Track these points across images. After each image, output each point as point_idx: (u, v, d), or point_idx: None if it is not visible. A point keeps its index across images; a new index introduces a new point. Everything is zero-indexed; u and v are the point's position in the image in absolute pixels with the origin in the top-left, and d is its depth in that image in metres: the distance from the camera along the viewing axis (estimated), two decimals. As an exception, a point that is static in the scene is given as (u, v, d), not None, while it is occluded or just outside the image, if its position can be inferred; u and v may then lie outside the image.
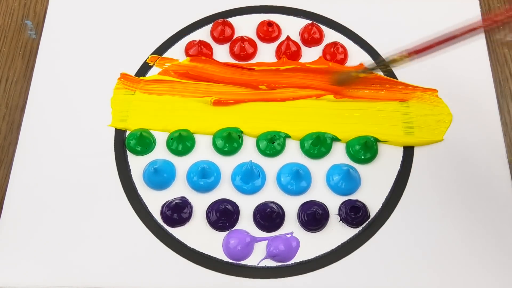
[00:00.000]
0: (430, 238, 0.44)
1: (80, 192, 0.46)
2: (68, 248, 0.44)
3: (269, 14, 0.55)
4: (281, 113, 0.49)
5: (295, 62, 0.51)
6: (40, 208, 0.45)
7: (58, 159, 0.47)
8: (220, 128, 0.48)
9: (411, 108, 0.49)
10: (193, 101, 0.50)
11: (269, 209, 0.44)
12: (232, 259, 0.43)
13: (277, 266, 0.43)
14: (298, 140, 0.48)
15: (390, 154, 0.48)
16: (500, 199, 0.46)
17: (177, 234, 0.44)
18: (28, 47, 0.53)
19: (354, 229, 0.44)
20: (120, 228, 0.44)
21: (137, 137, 0.47)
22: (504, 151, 0.48)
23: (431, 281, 0.43)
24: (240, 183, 0.46)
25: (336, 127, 0.48)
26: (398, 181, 0.47)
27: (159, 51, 0.53)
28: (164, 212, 0.45)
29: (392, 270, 0.43)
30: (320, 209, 0.44)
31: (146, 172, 0.46)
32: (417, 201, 0.46)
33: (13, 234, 0.44)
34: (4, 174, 0.47)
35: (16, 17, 0.55)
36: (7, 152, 0.48)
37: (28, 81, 0.51)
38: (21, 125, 0.49)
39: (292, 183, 0.45)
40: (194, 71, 0.51)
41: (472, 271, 0.43)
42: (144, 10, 0.55)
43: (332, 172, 0.46)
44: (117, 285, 0.42)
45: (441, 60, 0.50)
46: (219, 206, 0.44)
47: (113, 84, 0.51)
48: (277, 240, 0.43)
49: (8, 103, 0.51)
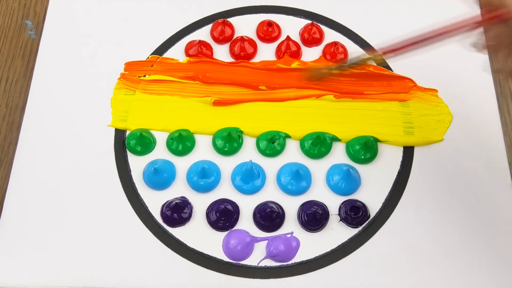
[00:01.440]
0: (430, 238, 0.44)
1: (80, 192, 0.46)
2: (68, 248, 0.44)
3: (269, 14, 0.55)
4: (281, 113, 0.49)
5: (297, 60, 0.51)
6: (40, 208, 0.45)
7: (58, 159, 0.47)
8: (220, 128, 0.48)
9: (411, 108, 0.49)
10: (193, 101, 0.50)
11: (269, 209, 0.44)
12: (232, 259, 0.43)
13: (277, 266, 0.43)
14: (298, 140, 0.48)
15: (390, 154, 0.48)
16: (500, 199, 0.46)
17: (177, 234, 0.44)
18: (28, 47, 0.53)
19: (354, 229, 0.44)
20: (120, 228, 0.44)
21: (137, 137, 0.47)
22: (504, 151, 0.48)
23: (431, 281, 0.43)
24: (240, 183, 0.46)
25: (336, 127, 0.48)
26: (398, 181, 0.47)
27: (159, 51, 0.53)
28: (164, 212, 0.45)
29: (392, 270, 0.43)
30: (320, 209, 0.44)
31: (146, 172, 0.46)
32: (417, 201, 0.46)
33: (13, 234, 0.44)
34: (4, 174, 0.47)
35: (16, 17, 0.55)
36: (7, 152, 0.48)
37: (28, 81, 0.51)
38: (21, 125, 0.49)
39: (292, 183, 0.45)
40: (205, 77, 0.51)
41: (472, 271, 0.43)
42: (144, 10, 0.55)
43: (332, 172, 0.46)
44: (117, 285, 0.42)
45: (441, 60, 0.50)
46: (219, 206, 0.44)
47: (113, 84, 0.51)
48: (277, 240, 0.43)
49: (8, 103, 0.51)
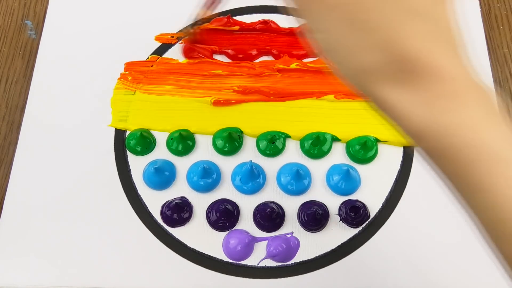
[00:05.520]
0: (430, 238, 0.44)
1: (80, 192, 0.46)
2: (68, 248, 0.44)
3: (269, 14, 0.55)
4: (281, 113, 0.49)
5: (296, 60, 0.51)
6: (40, 208, 0.45)
7: (58, 159, 0.47)
8: (220, 128, 0.48)
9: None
10: (193, 101, 0.50)
11: (269, 209, 0.44)
12: (232, 259, 0.43)
13: (277, 266, 0.43)
14: (298, 140, 0.48)
15: (390, 154, 0.48)
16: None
17: (177, 234, 0.44)
18: (28, 47, 0.53)
19: (354, 229, 0.44)
20: (120, 228, 0.44)
21: (137, 137, 0.47)
22: (504, 151, 0.48)
23: (431, 281, 0.43)
24: (240, 183, 0.46)
25: (336, 127, 0.48)
26: (398, 181, 0.47)
27: (159, 51, 0.53)
28: (164, 212, 0.45)
29: (392, 270, 0.43)
30: (320, 209, 0.44)
31: (146, 172, 0.46)
32: (417, 201, 0.46)
33: (13, 234, 0.44)
34: (4, 174, 0.47)
35: (16, 17, 0.55)
36: (7, 152, 0.48)
37: (28, 81, 0.51)
38: (21, 125, 0.49)
39: (292, 183, 0.45)
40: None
41: (472, 271, 0.43)
42: (144, 10, 0.55)
43: (332, 172, 0.46)
44: (117, 285, 0.42)
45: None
46: (219, 206, 0.44)
47: (113, 84, 0.51)
48: (277, 240, 0.43)
49: (8, 103, 0.51)
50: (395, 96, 0.21)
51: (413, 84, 0.21)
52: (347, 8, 0.21)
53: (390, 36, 0.20)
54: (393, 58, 0.21)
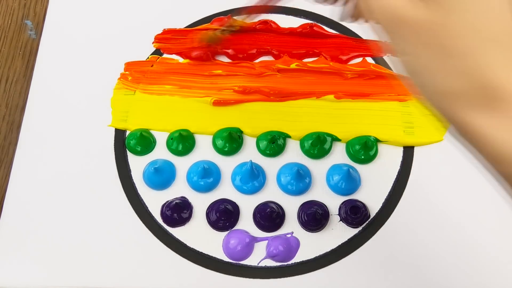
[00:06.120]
0: (430, 238, 0.44)
1: (80, 192, 0.46)
2: (68, 248, 0.44)
3: (269, 14, 0.55)
4: (281, 113, 0.49)
5: (296, 60, 0.51)
6: (40, 208, 0.45)
7: (58, 159, 0.47)
8: (220, 128, 0.48)
9: (411, 108, 0.49)
10: (193, 101, 0.50)
11: (269, 209, 0.44)
12: (232, 259, 0.43)
13: (277, 266, 0.43)
14: (298, 140, 0.48)
15: (390, 154, 0.48)
16: (500, 199, 0.46)
17: (177, 234, 0.44)
18: (28, 47, 0.53)
19: (354, 229, 0.44)
20: (120, 228, 0.44)
21: (137, 137, 0.47)
22: (504, 151, 0.48)
23: (431, 281, 0.43)
24: (240, 183, 0.46)
25: (336, 127, 0.48)
26: (398, 181, 0.47)
27: (159, 51, 0.53)
28: (164, 212, 0.45)
29: (392, 270, 0.43)
30: (320, 209, 0.44)
31: (146, 172, 0.46)
32: (417, 201, 0.46)
33: (13, 234, 0.44)
34: (4, 174, 0.47)
35: (16, 17, 0.55)
36: (7, 152, 0.48)
37: (28, 81, 0.51)
38: (21, 125, 0.49)
39: (292, 183, 0.45)
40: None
41: (472, 271, 0.43)
42: (144, 10, 0.55)
43: (332, 172, 0.46)
44: (117, 285, 0.42)
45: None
46: (219, 206, 0.44)
47: (113, 84, 0.51)
48: (277, 240, 0.43)
49: (8, 103, 0.51)
50: (478, 121, 0.22)
51: (498, 111, 0.22)
52: (434, 34, 0.22)
53: (475, 63, 0.21)
54: (478, 85, 0.22)
